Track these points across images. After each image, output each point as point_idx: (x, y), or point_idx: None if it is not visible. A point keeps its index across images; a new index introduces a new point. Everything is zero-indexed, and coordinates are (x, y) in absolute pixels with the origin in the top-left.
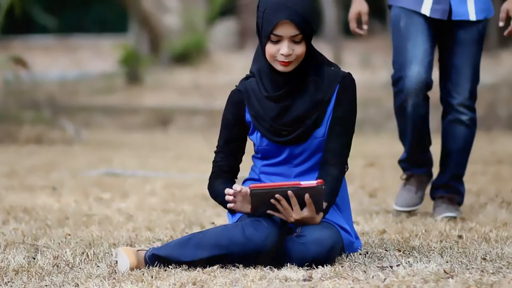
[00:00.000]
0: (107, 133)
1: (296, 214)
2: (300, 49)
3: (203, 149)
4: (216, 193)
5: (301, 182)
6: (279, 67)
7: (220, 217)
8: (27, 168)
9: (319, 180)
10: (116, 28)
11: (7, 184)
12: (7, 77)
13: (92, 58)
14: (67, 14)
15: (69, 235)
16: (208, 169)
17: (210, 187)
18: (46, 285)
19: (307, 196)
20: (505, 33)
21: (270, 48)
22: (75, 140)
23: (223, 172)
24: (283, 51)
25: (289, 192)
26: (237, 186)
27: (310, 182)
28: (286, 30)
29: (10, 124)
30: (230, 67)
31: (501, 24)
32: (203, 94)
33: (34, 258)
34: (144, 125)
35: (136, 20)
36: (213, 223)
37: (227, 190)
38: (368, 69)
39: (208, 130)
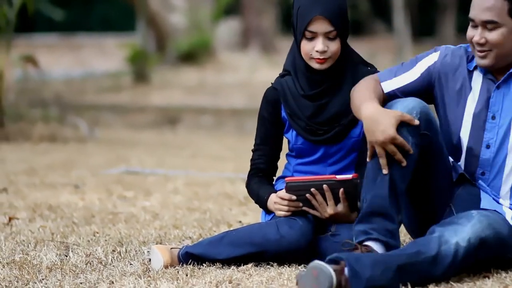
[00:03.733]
0: (116, 131)
1: (330, 209)
2: (334, 46)
3: (218, 148)
4: (251, 193)
5: (337, 176)
6: (315, 65)
7: (246, 216)
8: (45, 166)
9: (354, 174)
10: (120, 26)
11: (28, 182)
12: (19, 76)
13: (96, 56)
14: (70, 12)
15: (97, 233)
16: (226, 168)
17: (248, 186)
18: (81, 283)
19: (341, 191)
20: None
21: (305, 46)
22: (88, 138)
23: (260, 170)
24: (317, 48)
25: (324, 186)
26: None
27: (346, 176)
28: (320, 26)
29: (23, 122)
30: (236, 66)
31: None
32: (209, 93)
33: (67, 256)
34: (152, 124)
35: (143, 19)
36: (240, 221)
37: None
38: None
39: (216, 129)
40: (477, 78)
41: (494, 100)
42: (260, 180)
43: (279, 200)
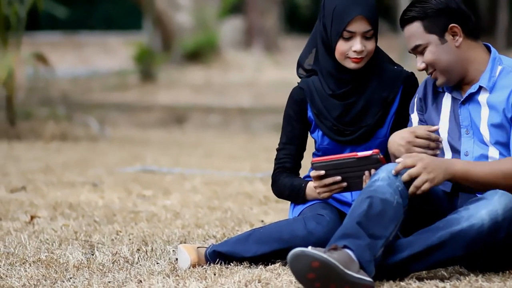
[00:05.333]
0: (125, 130)
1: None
2: (371, 45)
3: (230, 147)
4: (282, 188)
5: (358, 153)
6: (351, 64)
7: (268, 215)
8: (60, 165)
9: (374, 150)
10: (123, 25)
11: (46, 180)
12: (30, 74)
13: (99, 55)
14: (73, 10)
15: (120, 231)
16: (241, 167)
17: (275, 184)
18: (109, 281)
19: (366, 174)
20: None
21: (341, 46)
22: (99, 137)
23: (286, 169)
24: (356, 48)
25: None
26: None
27: (366, 152)
28: (359, 26)
29: (33, 121)
30: (241, 66)
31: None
32: (216, 92)
33: (93, 255)
34: (159, 123)
35: (150, 18)
36: (262, 221)
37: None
38: None
39: (224, 128)
40: (446, 99)
41: (463, 117)
42: (289, 175)
43: (316, 183)
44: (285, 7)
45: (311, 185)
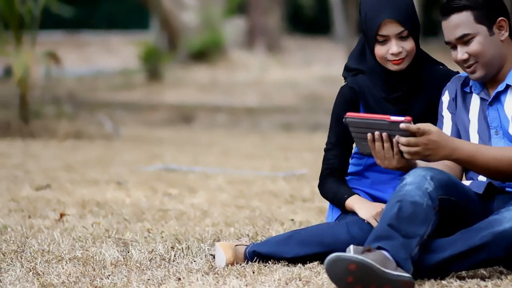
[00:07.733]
0: (134, 129)
1: (388, 161)
2: (409, 44)
3: (247, 147)
4: (327, 192)
5: (391, 117)
6: (393, 67)
7: (296, 214)
8: (80, 163)
9: (407, 117)
10: (126, 24)
11: (70, 179)
12: (42, 73)
13: (102, 54)
14: (76, 9)
15: (151, 229)
16: (261, 166)
17: (322, 187)
18: (148, 279)
19: (396, 151)
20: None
21: (379, 50)
22: (113, 135)
23: (335, 170)
24: (392, 50)
25: (377, 133)
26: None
27: (399, 117)
28: (390, 28)
29: (46, 119)
30: (246, 65)
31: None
32: (222, 91)
33: (128, 252)
34: (167, 122)
35: (157, 18)
36: (292, 220)
37: None
38: None
39: (232, 127)
40: (474, 100)
41: (491, 117)
42: (336, 179)
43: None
44: (287, 7)
45: (351, 201)
